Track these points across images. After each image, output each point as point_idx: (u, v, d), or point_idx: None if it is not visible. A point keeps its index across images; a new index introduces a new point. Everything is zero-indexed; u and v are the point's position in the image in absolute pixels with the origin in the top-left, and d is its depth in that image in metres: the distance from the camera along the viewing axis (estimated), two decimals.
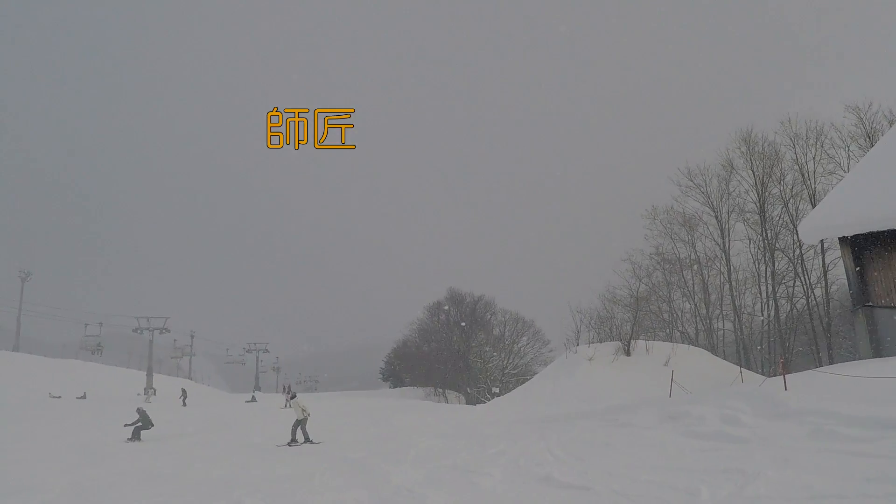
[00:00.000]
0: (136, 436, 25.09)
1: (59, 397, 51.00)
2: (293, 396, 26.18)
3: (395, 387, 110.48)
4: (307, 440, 23.96)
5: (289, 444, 23.66)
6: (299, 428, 24.20)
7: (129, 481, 15.97)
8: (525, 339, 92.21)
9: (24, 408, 38.59)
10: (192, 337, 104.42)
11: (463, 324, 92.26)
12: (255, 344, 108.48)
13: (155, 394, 60.56)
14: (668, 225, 65.14)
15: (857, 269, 23.91)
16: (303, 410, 24.22)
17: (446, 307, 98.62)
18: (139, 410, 25.96)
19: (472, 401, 76.16)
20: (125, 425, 25.50)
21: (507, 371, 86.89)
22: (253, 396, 60.11)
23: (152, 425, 25.85)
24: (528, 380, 61.45)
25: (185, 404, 47.10)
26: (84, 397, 52.42)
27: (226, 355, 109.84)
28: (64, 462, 19.40)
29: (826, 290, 52.17)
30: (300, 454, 21.37)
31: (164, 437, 26.78)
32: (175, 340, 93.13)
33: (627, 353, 48.34)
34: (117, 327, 78.95)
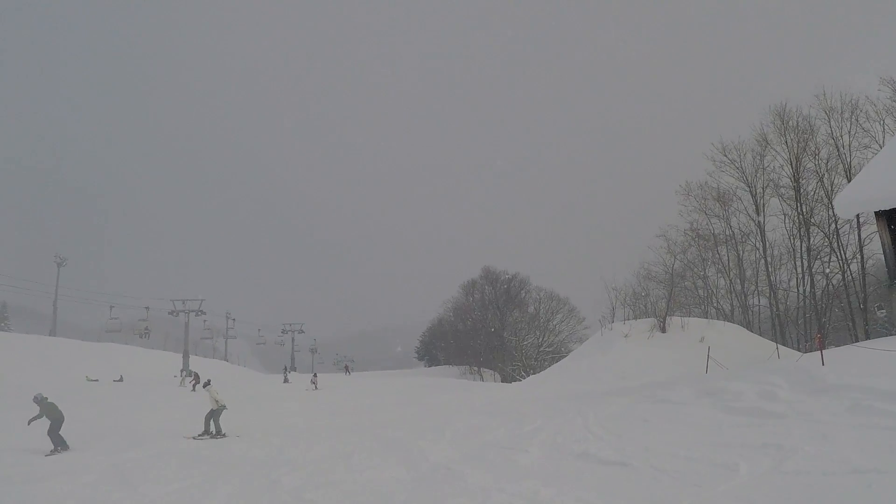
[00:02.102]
0: (61, 444, 18.26)
1: (97, 380, 51.39)
2: (207, 384, 23.66)
3: (430, 366, 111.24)
4: (218, 433, 21.62)
5: (197, 437, 21.32)
6: (212, 420, 21.84)
7: (170, 462, 16.16)
8: (560, 316, 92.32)
9: (61, 391, 38.97)
10: (233, 320, 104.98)
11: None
12: (290, 325, 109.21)
13: (190, 375, 60.95)
14: (703, 201, 64.82)
15: (894, 243, 23.60)
16: (216, 401, 22.01)
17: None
18: (38, 398, 18.74)
19: (507, 378, 76.32)
20: (30, 421, 18.42)
21: (542, 349, 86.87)
22: (286, 377, 60.35)
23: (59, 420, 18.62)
24: (563, 357, 61.61)
25: (194, 389, 46.11)
26: (121, 380, 52.93)
27: (258, 336, 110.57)
28: (104, 444, 19.57)
29: (862, 265, 51.52)
30: (338, 433, 21.45)
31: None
32: (205, 321, 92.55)
33: (663, 330, 48.40)
34: (153, 310, 79.59)
